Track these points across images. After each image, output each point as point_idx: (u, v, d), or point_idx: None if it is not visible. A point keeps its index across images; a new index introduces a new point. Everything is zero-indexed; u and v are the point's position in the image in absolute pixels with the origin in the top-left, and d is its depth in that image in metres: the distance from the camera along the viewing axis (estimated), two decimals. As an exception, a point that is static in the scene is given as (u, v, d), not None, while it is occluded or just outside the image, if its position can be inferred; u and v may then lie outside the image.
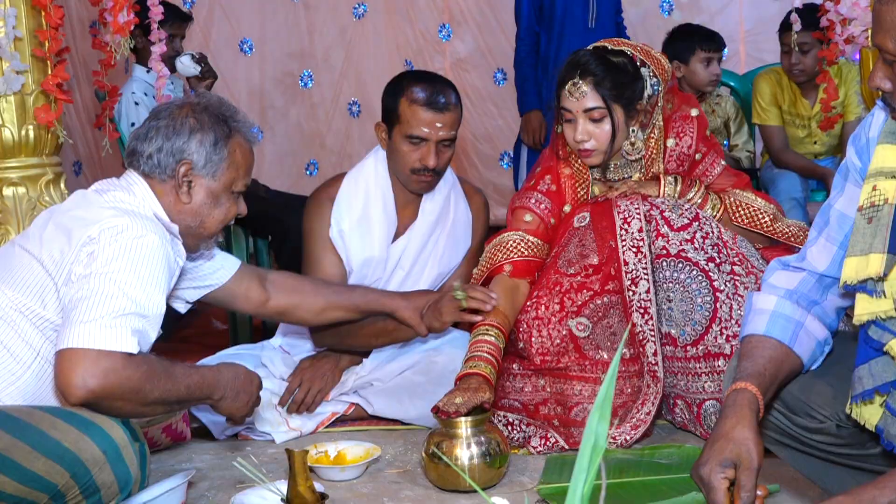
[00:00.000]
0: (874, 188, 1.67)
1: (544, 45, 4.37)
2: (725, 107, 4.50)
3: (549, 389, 2.61)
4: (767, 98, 4.24)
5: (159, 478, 2.08)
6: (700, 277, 2.52)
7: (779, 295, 1.83)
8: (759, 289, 1.91)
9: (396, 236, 2.92)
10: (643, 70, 2.65)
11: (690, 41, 4.29)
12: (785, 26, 4.13)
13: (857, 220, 1.69)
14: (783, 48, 4.18)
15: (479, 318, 2.53)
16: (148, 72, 4.09)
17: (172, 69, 4.04)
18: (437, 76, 2.90)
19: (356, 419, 2.81)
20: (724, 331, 2.49)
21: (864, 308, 1.65)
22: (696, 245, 2.54)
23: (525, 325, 2.60)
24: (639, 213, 2.57)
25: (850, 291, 1.71)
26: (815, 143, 4.24)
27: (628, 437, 2.46)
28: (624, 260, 2.55)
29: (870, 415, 1.68)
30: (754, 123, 4.37)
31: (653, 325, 2.51)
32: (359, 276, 2.89)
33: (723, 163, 2.80)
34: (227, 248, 3.85)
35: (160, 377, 1.89)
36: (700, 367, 2.51)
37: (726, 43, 4.57)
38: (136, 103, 4.10)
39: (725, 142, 4.52)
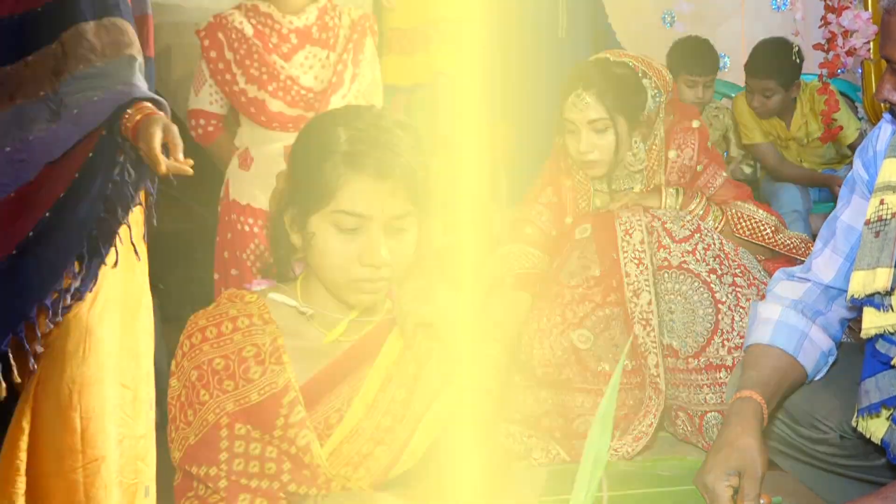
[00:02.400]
0: (881, 202, 1.66)
1: None
2: (724, 119, 4.48)
3: (550, 401, 2.60)
4: (748, 119, 4.21)
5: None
6: (702, 289, 2.51)
7: (784, 304, 1.83)
8: (762, 299, 1.91)
9: None
10: (645, 81, 2.65)
11: (680, 60, 4.26)
12: (748, 70, 4.09)
13: (864, 234, 1.69)
14: (746, 87, 4.13)
15: None
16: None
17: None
18: None
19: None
20: (725, 342, 2.48)
21: (872, 322, 1.65)
22: (698, 257, 2.53)
23: (527, 337, 2.59)
24: (640, 225, 2.56)
25: (857, 305, 1.70)
26: (801, 162, 4.22)
27: (630, 449, 2.45)
28: (626, 272, 2.54)
29: (876, 428, 1.68)
30: (744, 144, 4.33)
31: (654, 336, 2.51)
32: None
33: (724, 174, 2.80)
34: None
35: None
36: (702, 379, 2.50)
37: (729, 54, 4.54)
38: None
39: (724, 153, 4.50)
